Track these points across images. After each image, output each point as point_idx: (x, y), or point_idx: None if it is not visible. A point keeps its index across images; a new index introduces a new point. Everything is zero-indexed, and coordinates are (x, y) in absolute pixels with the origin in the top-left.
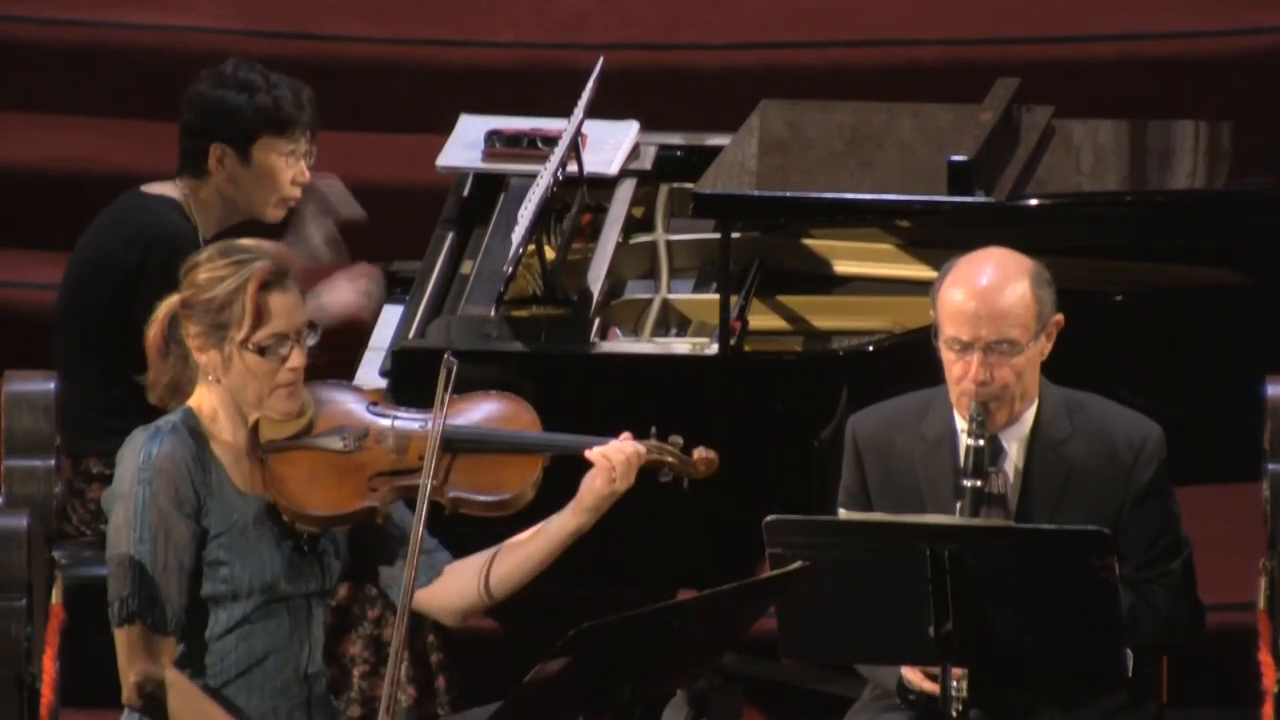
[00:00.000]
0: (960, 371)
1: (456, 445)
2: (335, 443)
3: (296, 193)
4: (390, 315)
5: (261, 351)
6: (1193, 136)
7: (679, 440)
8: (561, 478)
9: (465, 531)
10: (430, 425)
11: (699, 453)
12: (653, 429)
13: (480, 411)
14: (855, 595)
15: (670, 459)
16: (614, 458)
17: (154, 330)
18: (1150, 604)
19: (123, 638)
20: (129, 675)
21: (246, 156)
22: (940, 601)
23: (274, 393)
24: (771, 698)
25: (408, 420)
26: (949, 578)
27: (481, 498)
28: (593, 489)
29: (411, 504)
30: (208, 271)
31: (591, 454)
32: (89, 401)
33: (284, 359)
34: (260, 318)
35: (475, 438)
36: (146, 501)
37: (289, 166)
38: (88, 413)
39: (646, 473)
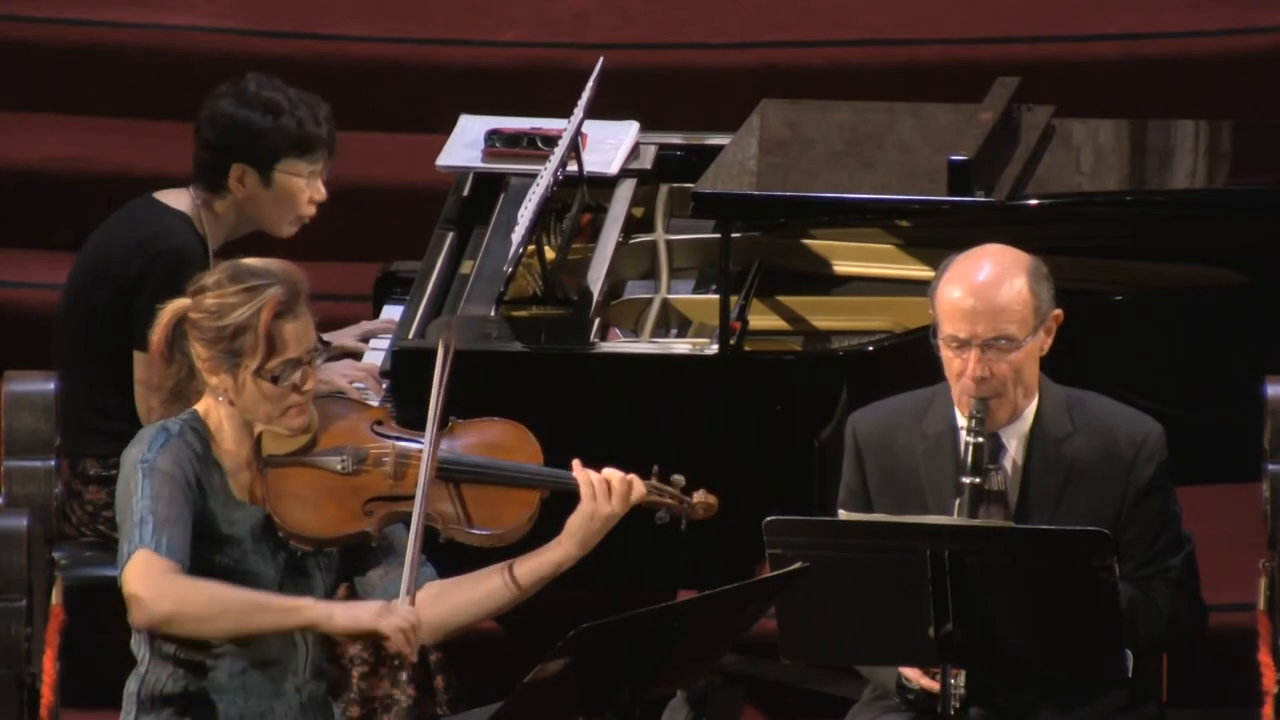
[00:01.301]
0: (959, 368)
1: (455, 475)
2: (334, 463)
3: (312, 210)
4: (390, 315)
5: (275, 379)
6: (1193, 136)
7: (680, 480)
8: (560, 512)
9: (456, 552)
10: (429, 417)
11: (699, 496)
12: (655, 467)
13: (483, 440)
14: (855, 595)
15: (669, 500)
16: (595, 478)
17: (157, 335)
18: (1151, 600)
19: (128, 572)
20: (133, 588)
21: (268, 178)
22: (940, 602)
23: (285, 412)
24: (771, 698)
25: (409, 444)
26: (949, 578)
27: (476, 530)
28: (576, 512)
29: (408, 524)
30: (217, 297)
31: (577, 472)
32: (88, 403)
33: (297, 385)
34: (273, 347)
35: (474, 469)
36: (147, 472)
37: (308, 187)
38: (86, 415)
39: (643, 512)
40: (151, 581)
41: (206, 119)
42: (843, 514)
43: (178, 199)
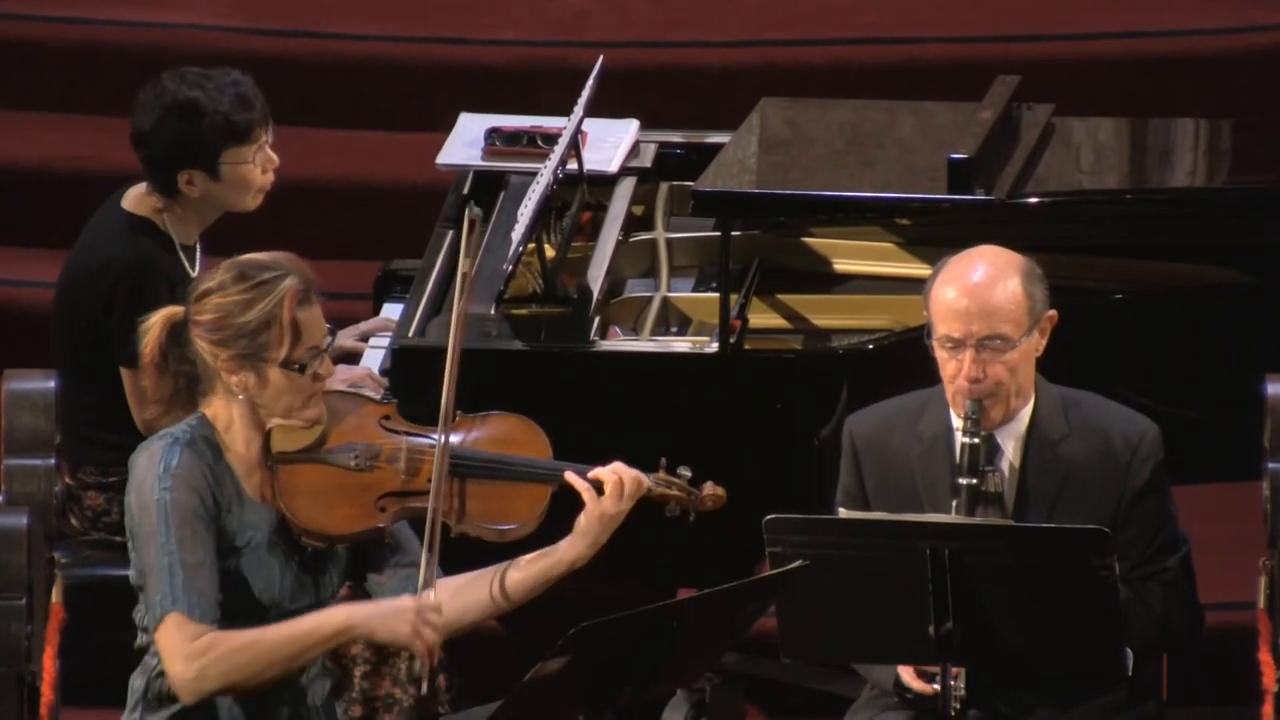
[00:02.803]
0: (954, 369)
1: (465, 471)
2: (346, 460)
3: (270, 178)
4: (390, 314)
5: (302, 368)
6: (1193, 135)
7: (687, 473)
8: (569, 507)
9: (463, 548)
10: (443, 395)
11: (708, 488)
12: (662, 460)
13: (493, 434)
14: (855, 594)
15: (677, 492)
16: (609, 478)
17: (149, 347)
18: (1145, 601)
19: (163, 636)
20: (176, 667)
21: (215, 174)
22: (940, 600)
23: (306, 403)
24: (771, 697)
25: (420, 440)
26: (949, 577)
27: (488, 526)
28: (586, 511)
29: (417, 521)
30: (228, 297)
31: (590, 474)
32: (84, 415)
33: (319, 373)
34: (298, 336)
35: (485, 465)
36: (169, 506)
37: (257, 165)
38: (84, 426)
39: (653, 506)
40: (192, 662)
41: (137, 138)
42: (842, 512)
43: (141, 202)
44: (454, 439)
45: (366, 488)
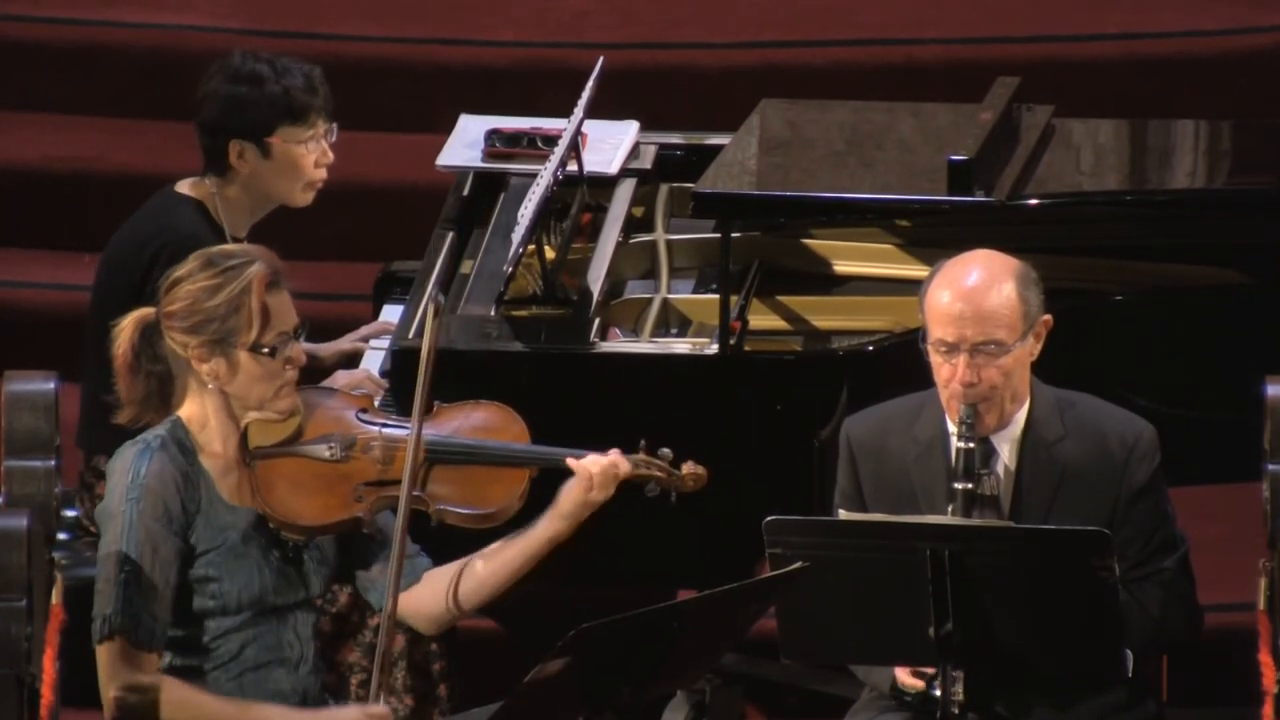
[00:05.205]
0: (948, 374)
1: (443, 457)
2: (323, 451)
3: (322, 174)
4: (390, 315)
5: (273, 352)
6: (1193, 136)
7: (669, 453)
8: (550, 489)
9: (449, 537)
10: (416, 387)
11: (688, 467)
12: (642, 441)
13: (468, 422)
14: (855, 596)
15: (657, 473)
16: (591, 468)
17: (122, 345)
18: (1141, 603)
19: (104, 654)
20: (109, 690)
21: (266, 150)
22: (940, 602)
23: (278, 392)
24: (771, 698)
25: (395, 429)
26: (949, 578)
27: (467, 510)
28: (570, 496)
29: (395, 510)
30: (197, 284)
31: (572, 463)
32: (102, 401)
33: (290, 359)
34: (267, 319)
35: (462, 450)
36: (134, 520)
37: (310, 152)
38: (101, 412)
39: (633, 486)
40: (133, 694)
41: (199, 102)
42: (842, 514)
43: (194, 187)
44: (431, 427)
45: (344, 478)
